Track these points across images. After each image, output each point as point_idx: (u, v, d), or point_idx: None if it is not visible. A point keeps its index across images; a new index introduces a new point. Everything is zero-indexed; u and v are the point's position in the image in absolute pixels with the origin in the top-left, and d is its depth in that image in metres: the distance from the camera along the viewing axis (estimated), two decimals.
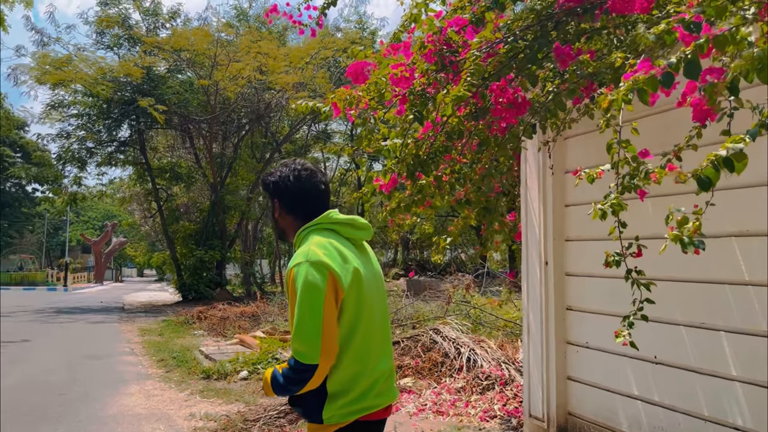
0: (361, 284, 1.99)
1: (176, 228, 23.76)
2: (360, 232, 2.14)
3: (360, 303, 1.98)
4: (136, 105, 19.83)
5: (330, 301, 1.89)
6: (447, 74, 3.03)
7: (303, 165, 2.19)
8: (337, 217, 2.12)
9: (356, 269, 1.99)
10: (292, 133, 26.58)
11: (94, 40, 22.47)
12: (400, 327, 10.68)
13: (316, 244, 1.99)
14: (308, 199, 2.14)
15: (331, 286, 1.90)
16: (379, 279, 2.19)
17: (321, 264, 1.92)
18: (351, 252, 2.04)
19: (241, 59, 20.30)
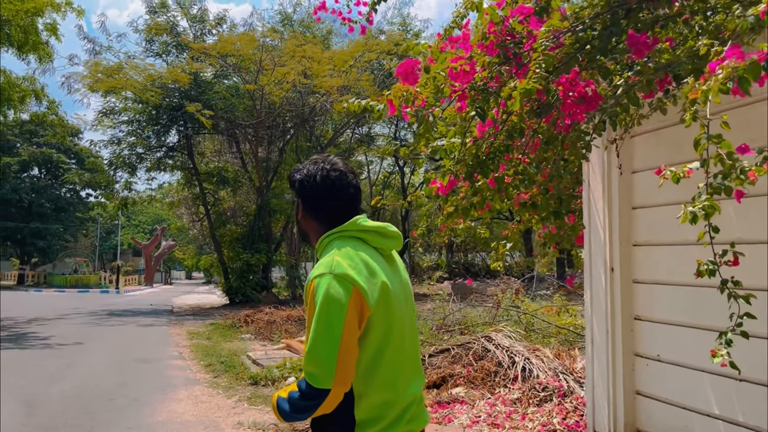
0: (389, 301, 1.81)
1: (223, 231, 24.03)
2: (389, 241, 1.95)
3: (389, 321, 1.80)
4: (184, 110, 20.12)
5: (352, 320, 1.70)
6: (510, 67, 2.81)
7: (333, 164, 1.98)
8: (366, 224, 1.92)
9: (384, 284, 1.80)
10: (336, 137, 26.61)
11: (144, 48, 22.99)
12: (448, 333, 10.45)
13: (342, 254, 1.80)
14: (335, 203, 1.94)
15: (356, 302, 1.72)
16: (408, 291, 2.01)
17: (345, 277, 1.73)
18: (379, 264, 1.86)
19: (285, 63, 20.38)
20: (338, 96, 20.72)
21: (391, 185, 33.74)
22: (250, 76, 21.49)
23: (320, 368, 1.67)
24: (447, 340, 9.51)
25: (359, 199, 2.00)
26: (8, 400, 7.12)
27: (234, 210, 26.31)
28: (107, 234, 58.30)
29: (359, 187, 2.02)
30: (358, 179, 2.11)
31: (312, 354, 1.69)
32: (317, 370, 1.68)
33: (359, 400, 1.78)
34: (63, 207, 47.92)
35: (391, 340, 1.80)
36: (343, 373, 1.68)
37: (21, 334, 13.88)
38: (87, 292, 36.95)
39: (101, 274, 46.72)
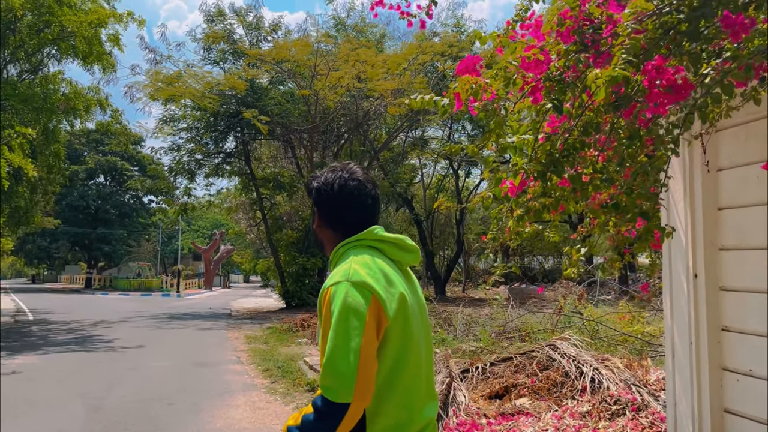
0: (407, 313, 1.73)
1: (279, 236, 24.25)
2: (407, 254, 1.88)
3: (406, 336, 1.72)
4: (241, 117, 20.40)
5: (371, 330, 1.62)
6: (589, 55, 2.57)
7: (352, 172, 1.91)
8: (384, 234, 1.85)
9: (403, 296, 1.73)
10: (389, 141, 26.51)
11: (202, 56, 23.46)
12: (508, 340, 10.13)
13: (359, 262, 1.73)
14: (351, 214, 1.87)
15: (374, 312, 1.64)
16: (423, 311, 1.91)
17: (364, 285, 1.66)
18: (397, 275, 1.78)
19: (339, 68, 20.42)
20: (392, 99, 20.63)
21: (444, 189, 33.39)
22: (304, 81, 21.64)
23: (339, 381, 1.56)
24: (507, 347, 9.20)
25: (377, 210, 1.95)
26: (72, 403, 7.23)
27: (290, 214, 26.53)
28: (168, 239, 59.91)
29: (378, 198, 1.96)
30: (377, 189, 1.98)
31: (329, 366, 1.58)
32: (335, 383, 1.57)
33: (371, 421, 1.67)
34: (127, 213, 49.55)
35: (408, 357, 1.72)
36: (363, 387, 1.57)
37: (87, 336, 14.28)
38: (149, 295, 38.01)
39: (163, 278, 48.01)
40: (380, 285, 1.68)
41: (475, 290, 33.76)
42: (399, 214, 37.29)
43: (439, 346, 9.61)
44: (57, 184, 22.11)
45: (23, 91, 15.10)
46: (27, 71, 18.66)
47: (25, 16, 15.75)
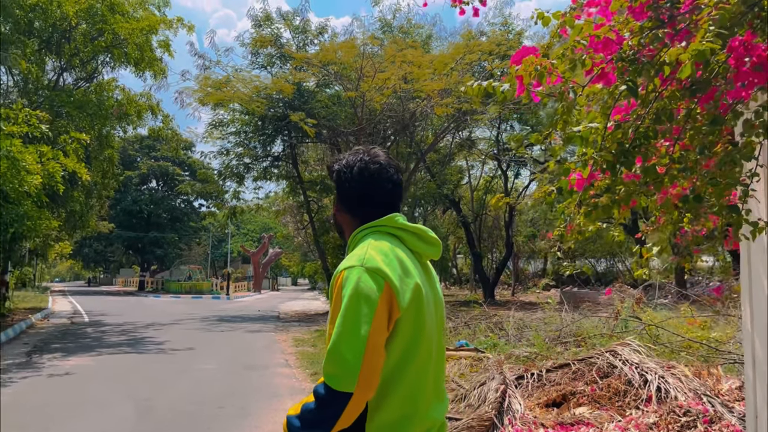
0: (421, 306, 1.66)
1: (327, 239, 24.25)
2: (428, 246, 1.81)
3: (418, 328, 1.65)
4: (288, 120, 20.46)
5: (382, 319, 1.57)
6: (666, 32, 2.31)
7: (373, 156, 1.85)
8: (404, 223, 1.79)
9: (418, 286, 1.66)
10: (436, 142, 26.21)
11: (250, 61, 23.64)
12: (562, 345, 9.77)
13: (375, 248, 1.68)
14: (371, 199, 1.82)
15: (386, 300, 1.59)
16: (440, 308, 1.84)
17: (378, 272, 1.61)
18: (415, 266, 1.72)
19: (386, 69, 20.27)
20: (439, 99, 20.38)
21: (492, 190, 32.89)
22: (351, 83, 21.59)
23: (343, 368, 1.51)
24: (562, 353, 8.87)
25: (399, 196, 1.87)
26: (123, 406, 7.26)
27: None
28: (218, 242, 60.96)
29: (400, 183, 1.88)
30: (401, 174, 1.92)
31: (334, 352, 1.54)
32: (339, 370, 1.52)
33: (372, 415, 1.61)
34: (178, 217, 50.61)
35: (418, 351, 1.65)
36: (368, 377, 1.52)
37: (139, 338, 14.49)
38: (200, 297, 38.66)
39: (213, 281, 48.82)
40: (395, 273, 1.62)
41: (525, 293, 33.14)
42: (446, 216, 36.95)
43: (491, 351, 9.34)
44: (111, 188, 22.65)
45: (78, 98, 15.49)
46: (82, 79, 19.16)
47: (80, 25, 16.15)
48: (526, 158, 27.73)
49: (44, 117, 11.29)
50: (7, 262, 19.01)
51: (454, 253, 42.85)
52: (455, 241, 41.20)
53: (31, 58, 14.71)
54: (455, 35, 25.94)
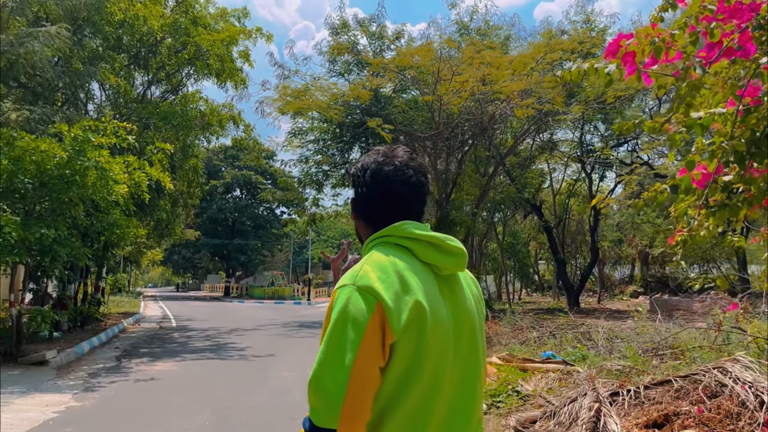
0: (424, 328, 1.44)
1: None
2: (446, 257, 1.57)
3: (420, 352, 1.44)
4: (365, 127, 20.45)
5: (371, 344, 1.39)
6: None
7: (389, 156, 1.66)
8: (413, 232, 1.56)
9: (419, 305, 1.44)
10: (516, 145, 25.52)
11: (327, 69, 23.87)
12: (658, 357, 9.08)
13: (373, 262, 1.51)
14: (383, 204, 1.63)
15: (377, 323, 1.40)
16: (468, 328, 1.59)
17: (370, 290, 1.43)
18: (422, 282, 1.50)
19: (463, 72, 19.89)
20: (519, 101, 19.79)
21: (576, 193, 31.72)
22: (428, 87, 21.34)
23: (324, 402, 1.36)
24: (658, 366, 8.21)
25: (419, 201, 1.66)
26: (201, 411, 7.25)
27: None
28: (299, 248, 62.08)
29: (421, 186, 1.66)
30: (426, 176, 1.70)
31: (315, 383, 1.39)
32: (320, 404, 1.37)
33: None
34: (261, 224, 51.94)
35: (419, 378, 1.43)
36: (353, 411, 1.35)
37: (222, 344, 14.74)
38: (282, 303, 39.36)
39: (294, 287, 49.67)
40: (390, 292, 1.43)
41: (612, 301, 31.75)
42: (527, 221, 35.98)
43: (581, 363, 8.79)
44: (196, 197, 23.36)
45: (164, 110, 16.02)
46: (168, 91, 19.88)
47: (165, 39, 16.72)
48: (612, 160, 26.57)
49: (131, 128, 11.65)
50: (101, 269, 19.90)
51: (535, 259, 41.68)
52: (536, 246, 40.06)
53: (120, 72, 15.34)
54: (535, 35, 25.22)
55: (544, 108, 20.45)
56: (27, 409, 7.32)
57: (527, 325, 13.92)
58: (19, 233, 9.56)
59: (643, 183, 21.14)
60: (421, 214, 1.67)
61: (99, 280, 19.85)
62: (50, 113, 11.91)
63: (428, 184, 1.69)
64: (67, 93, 15.27)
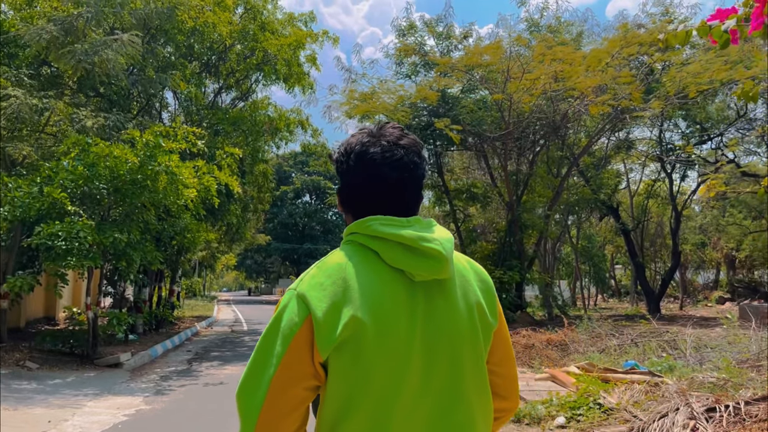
0: (361, 348, 1.23)
1: (474, 248, 23.64)
2: (420, 261, 1.30)
3: (358, 380, 1.23)
4: (433, 129, 20.15)
5: (296, 361, 1.23)
6: None
7: (377, 134, 1.41)
8: (381, 229, 1.32)
9: (355, 321, 1.23)
10: (590, 145, 24.53)
11: (394, 71, 23.70)
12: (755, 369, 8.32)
13: (323, 265, 1.33)
14: (370, 192, 1.39)
15: (305, 338, 1.23)
16: (452, 349, 1.32)
17: (304, 300, 1.26)
18: (377, 292, 1.27)
19: (534, 69, 19.29)
20: (594, 98, 18.99)
21: (655, 194, 30.25)
22: (497, 86, 20.81)
23: (241, 414, 1.25)
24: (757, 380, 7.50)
25: (412, 186, 1.42)
26: None
27: (484, 227, 25.82)
28: None
29: (414, 168, 1.41)
30: (421, 155, 1.45)
31: (238, 393, 1.27)
32: (241, 418, 1.26)
33: None
34: (330, 229, 52.48)
35: (354, 416, 1.24)
36: (268, 429, 1.23)
37: None
38: None
39: None
40: (325, 303, 1.24)
41: (695, 307, 30.08)
42: (603, 223, 34.64)
43: (668, 374, 8.14)
44: (266, 202, 23.64)
45: (233, 116, 16.22)
46: (238, 98, 20.19)
47: (234, 46, 16.96)
48: (695, 158, 25.18)
49: (200, 133, 11.77)
50: (175, 273, 20.37)
51: (611, 264, 40.11)
52: (613, 250, 38.54)
53: (190, 79, 15.64)
54: (609, 30, 24.23)
55: (620, 105, 19.55)
56: (98, 412, 7.38)
57: (606, 332, 13.21)
58: (93, 237, 9.77)
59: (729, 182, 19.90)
60: (415, 201, 1.43)
61: (173, 284, 20.31)
62: (123, 120, 12.20)
63: (424, 164, 1.44)
64: (141, 101, 15.70)
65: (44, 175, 10.20)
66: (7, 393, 8.24)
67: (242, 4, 17.10)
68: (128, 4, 12.06)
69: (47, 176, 10.17)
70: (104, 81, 12.31)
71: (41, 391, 8.58)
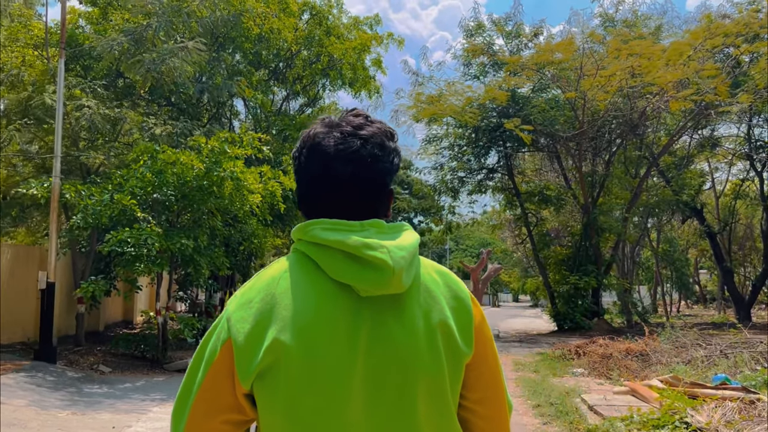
0: (285, 376, 1.04)
1: (547, 253, 22.89)
2: (364, 273, 1.06)
3: (284, 412, 1.05)
4: (502, 130, 19.63)
5: (214, 391, 1.08)
6: None
7: (335, 123, 1.18)
8: (322, 236, 1.09)
9: (278, 345, 1.04)
10: (671, 143, 23.26)
11: (462, 73, 23.35)
12: None
13: (257, 278, 1.13)
14: (314, 190, 1.17)
15: (225, 365, 1.07)
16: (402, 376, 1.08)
17: (228, 323, 1.09)
18: (312, 309, 1.06)
19: (608, 65, 18.44)
20: (674, 93, 17.96)
21: (744, 194, 28.38)
22: (569, 84, 20.04)
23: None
24: None
25: (372, 183, 1.16)
26: None
27: (558, 230, 24.97)
28: (438, 258, 61.76)
29: (375, 161, 1.16)
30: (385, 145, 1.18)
31: (171, 419, 1.14)
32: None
33: None
34: None
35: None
36: None
37: None
38: None
39: None
40: (249, 323, 1.07)
41: None
42: (685, 226, 32.85)
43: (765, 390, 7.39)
44: None
45: (299, 121, 16.26)
46: (306, 105, 20.29)
47: (300, 52, 17.03)
48: None
49: (266, 139, 11.78)
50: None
51: (695, 269, 38.02)
52: (697, 254, 36.53)
53: (257, 86, 15.77)
54: (690, 22, 22.93)
55: (704, 100, 18.43)
56: (162, 417, 7.36)
57: (691, 342, 12.28)
58: (161, 244, 9.89)
59: None
60: (375, 201, 1.18)
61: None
62: (190, 127, 12.38)
63: (391, 157, 1.19)
64: (211, 109, 15.95)
65: (115, 182, 10.42)
66: (78, 397, 8.40)
67: (308, 9, 17.15)
68: (196, 13, 12.24)
69: (118, 184, 10.39)
70: (172, 90, 12.54)
71: (110, 395, 8.70)
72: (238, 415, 1.11)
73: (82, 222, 9.95)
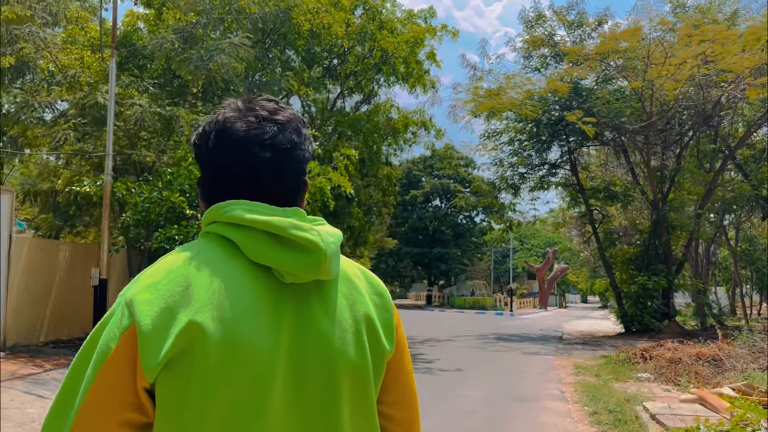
0: (202, 360, 0.92)
1: (614, 252, 21.87)
2: (290, 256, 0.99)
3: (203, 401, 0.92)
4: (564, 124, 18.85)
5: (112, 386, 0.93)
6: None
7: (244, 108, 1.08)
8: (244, 215, 0.99)
9: (193, 327, 0.92)
10: (748, 135, 21.77)
11: (522, 65, 22.60)
12: None
13: (163, 262, 1.02)
14: (226, 178, 1.07)
15: (125, 356, 0.94)
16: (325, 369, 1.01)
17: (129, 306, 0.96)
18: (230, 293, 0.96)
19: (678, 53, 17.38)
20: (752, 80, 16.75)
21: None
22: (636, 74, 19.03)
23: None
24: None
25: (287, 172, 1.08)
26: None
27: (625, 228, 23.85)
28: (502, 258, 60.68)
29: (290, 150, 1.07)
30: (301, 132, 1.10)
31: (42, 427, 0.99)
32: None
33: None
34: (460, 233, 51.61)
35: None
36: None
37: (413, 355, 14.12)
38: (483, 313, 38.36)
39: (496, 297, 48.42)
40: (156, 305, 0.94)
41: None
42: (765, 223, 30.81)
43: None
44: (390, 206, 23.40)
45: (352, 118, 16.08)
46: (361, 102, 20.12)
47: (354, 47, 16.84)
48: None
49: (314, 134, 11.60)
50: None
51: None
52: None
53: (309, 83, 15.68)
54: None
55: None
56: None
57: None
58: None
59: None
60: (294, 189, 1.10)
61: None
62: None
63: (306, 144, 1.12)
64: None
65: (165, 180, 10.47)
66: None
67: (361, 4, 16.94)
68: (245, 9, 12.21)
69: (167, 181, 10.43)
70: (223, 88, 12.56)
71: None
72: (139, 415, 0.96)
73: (132, 219, 10.03)
